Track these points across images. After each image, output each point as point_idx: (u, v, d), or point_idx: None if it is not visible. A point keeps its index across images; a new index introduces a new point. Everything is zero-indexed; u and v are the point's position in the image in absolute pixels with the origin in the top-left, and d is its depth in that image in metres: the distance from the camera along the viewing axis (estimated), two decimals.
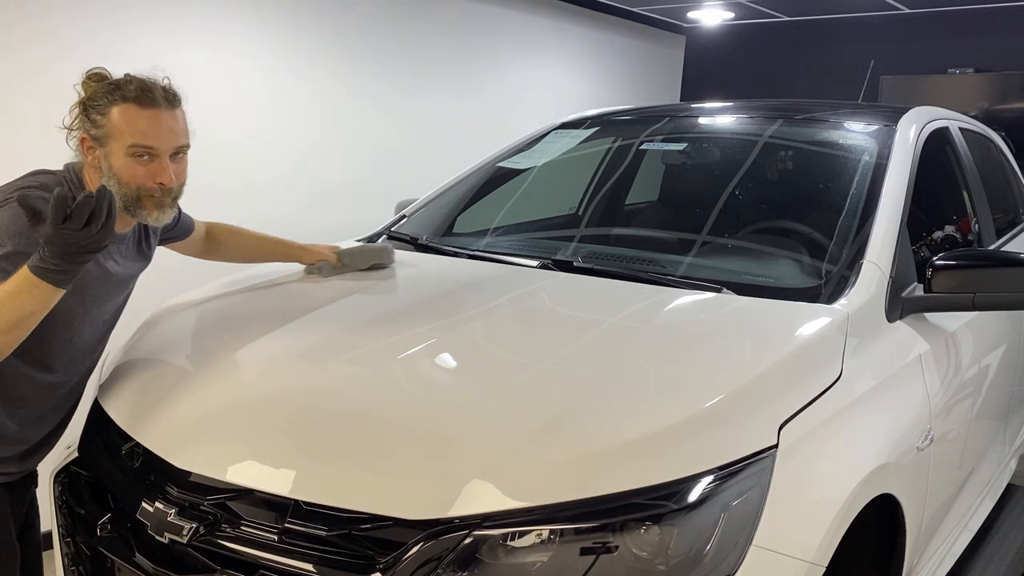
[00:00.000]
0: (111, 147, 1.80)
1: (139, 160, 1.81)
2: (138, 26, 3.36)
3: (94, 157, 1.83)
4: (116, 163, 1.80)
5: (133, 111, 1.80)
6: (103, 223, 1.59)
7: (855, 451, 1.72)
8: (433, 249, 2.59)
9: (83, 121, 1.82)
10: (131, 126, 1.80)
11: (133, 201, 1.83)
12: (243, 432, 1.66)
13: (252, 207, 3.84)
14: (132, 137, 1.80)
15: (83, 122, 1.82)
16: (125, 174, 1.81)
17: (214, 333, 2.08)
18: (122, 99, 1.80)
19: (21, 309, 1.63)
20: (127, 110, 1.80)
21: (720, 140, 3.09)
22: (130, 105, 1.80)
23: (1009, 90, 5.34)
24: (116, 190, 1.78)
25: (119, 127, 1.79)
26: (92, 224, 1.58)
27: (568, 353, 1.80)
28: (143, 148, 1.81)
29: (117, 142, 1.80)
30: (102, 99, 1.81)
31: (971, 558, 2.75)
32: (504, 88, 5.16)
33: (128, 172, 1.81)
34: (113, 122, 1.79)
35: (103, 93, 1.81)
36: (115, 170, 1.80)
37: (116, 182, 1.80)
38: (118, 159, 1.80)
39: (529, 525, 1.41)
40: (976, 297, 2.10)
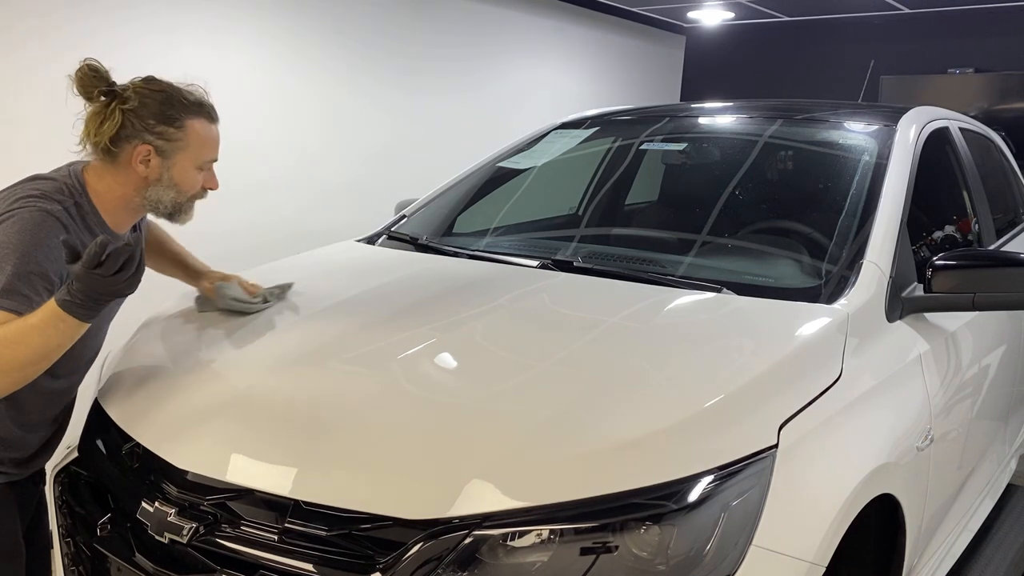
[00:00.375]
0: (179, 158, 1.85)
1: (199, 171, 1.90)
2: (138, 26, 3.36)
3: (148, 167, 1.83)
4: (181, 173, 1.86)
5: (207, 127, 1.90)
6: (133, 272, 1.63)
7: (855, 451, 1.72)
8: (433, 249, 2.59)
9: (133, 128, 1.80)
10: (205, 140, 1.89)
11: (180, 207, 1.91)
12: (243, 432, 1.66)
13: (251, 207, 3.84)
14: (208, 152, 1.91)
15: (133, 129, 1.80)
16: (187, 184, 1.89)
17: (214, 333, 2.08)
18: (195, 112, 1.87)
19: (48, 343, 1.65)
20: (203, 126, 1.89)
21: (720, 140, 3.09)
22: (203, 120, 1.89)
23: (1009, 90, 5.34)
24: (170, 198, 1.87)
25: (196, 141, 1.87)
26: (123, 271, 1.61)
27: (568, 353, 1.80)
28: (211, 161, 1.92)
29: (189, 154, 1.86)
30: (172, 110, 1.83)
31: (971, 558, 2.75)
32: (504, 88, 5.16)
33: (190, 182, 1.89)
34: (189, 136, 1.85)
35: (168, 101, 1.83)
36: (176, 180, 1.86)
37: (175, 190, 1.87)
38: (185, 170, 1.87)
39: (529, 525, 1.41)
40: (976, 297, 2.10)
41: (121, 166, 1.84)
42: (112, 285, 1.62)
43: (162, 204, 1.88)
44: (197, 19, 3.56)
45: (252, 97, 3.82)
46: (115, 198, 1.87)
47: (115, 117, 1.80)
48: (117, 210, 1.88)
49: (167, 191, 1.86)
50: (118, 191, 1.86)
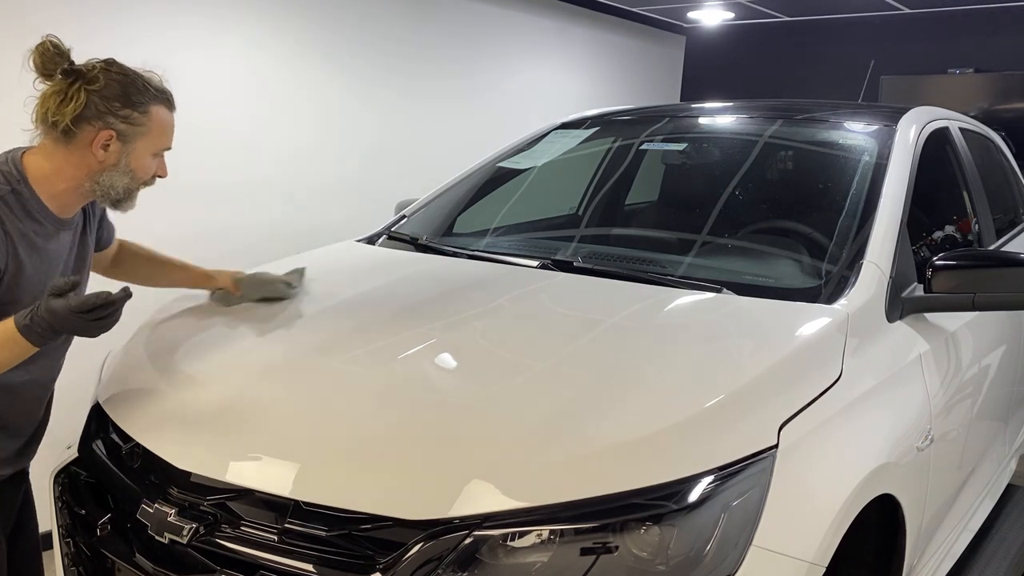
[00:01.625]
0: (139, 144, 1.81)
1: (155, 159, 1.86)
2: (135, 25, 3.36)
3: (107, 151, 1.77)
4: (138, 160, 1.82)
5: (166, 114, 1.86)
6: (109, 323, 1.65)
7: (855, 451, 1.72)
8: (433, 249, 2.59)
9: (96, 109, 1.74)
10: (165, 128, 1.85)
11: (131, 194, 1.85)
12: (243, 432, 1.66)
13: (248, 206, 3.84)
14: (165, 140, 1.86)
15: (95, 110, 1.74)
16: (142, 170, 1.84)
17: (214, 333, 2.08)
18: (159, 100, 1.83)
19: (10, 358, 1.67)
20: (164, 113, 1.85)
21: (720, 140, 3.09)
22: (163, 107, 1.85)
23: (1009, 90, 5.34)
24: (123, 183, 1.82)
25: (158, 128, 1.83)
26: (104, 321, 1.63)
27: (568, 353, 1.80)
28: (166, 149, 1.88)
29: (149, 141, 1.82)
30: (137, 94, 1.78)
31: (971, 558, 2.75)
32: (504, 88, 5.16)
33: (146, 169, 1.85)
34: (153, 122, 1.81)
35: (133, 85, 1.78)
36: (133, 166, 1.82)
37: (130, 177, 1.82)
38: (142, 157, 1.82)
39: (529, 525, 1.41)
40: (976, 297, 2.10)
41: (76, 148, 1.76)
42: (85, 329, 1.64)
43: (114, 190, 1.81)
44: (194, 19, 3.56)
45: (249, 97, 3.82)
46: (64, 180, 1.79)
47: (79, 97, 1.73)
48: (63, 194, 1.81)
49: (122, 177, 1.80)
50: (69, 173, 1.78)
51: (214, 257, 2.47)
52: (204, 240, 3.60)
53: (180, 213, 3.52)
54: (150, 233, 2.36)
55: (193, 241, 3.55)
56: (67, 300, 1.62)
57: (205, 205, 3.64)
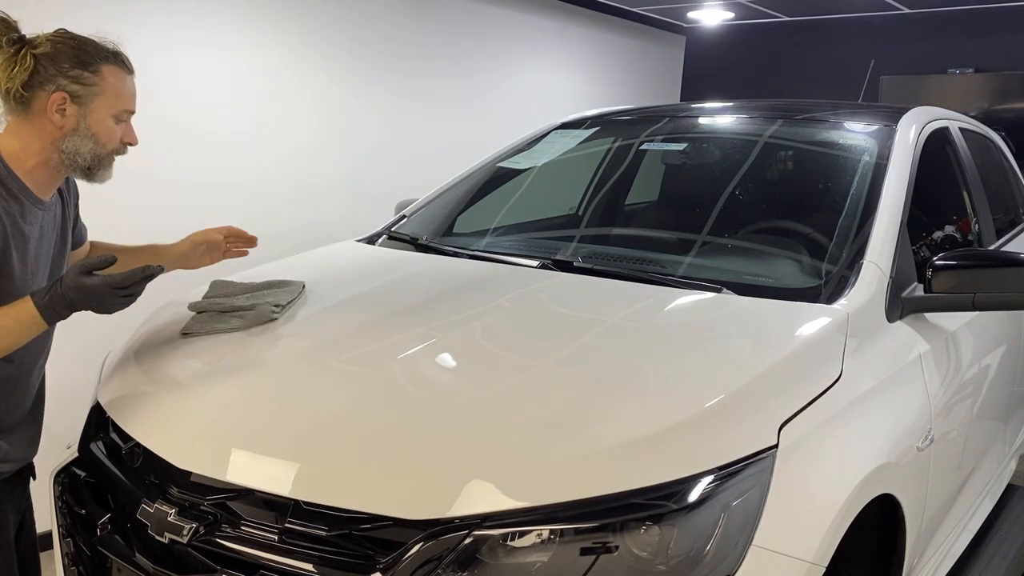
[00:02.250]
0: (95, 106, 1.78)
1: (117, 123, 1.83)
2: (133, 22, 3.35)
3: (64, 116, 1.75)
4: (98, 123, 1.79)
5: (122, 75, 1.83)
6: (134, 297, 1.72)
7: (855, 451, 1.72)
8: (433, 249, 2.59)
9: (46, 73, 1.73)
10: (123, 89, 1.82)
11: (100, 161, 1.83)
12: (243, 432, 1.66)
13: (247, 205, 3.84)
14: (124, 101, 1.83)
15: (47, 75, 1.73)
16: (105, 135, 1.81)
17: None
18: (112, 60, 1.80)
19: (18, 340, 1.71)
20: (118, 73, 1.82)
21: (720, 140, 3.09)
22: (119, 68, 1.82)
23: (1009, 90, 5.34)
24: (88, 149, 1.80)
25: (112, 88, 1.80)
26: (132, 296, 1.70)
27: (568, 353, 1.80)
28: (128, 112, 1.85)
29: (105, 102, 1.79)
30: (87, 55, 1.76)
31: (971, 558, 2.75)
32: (504, 88, 5.16)
33: (108, 133, 1.82)
34: (106, 82, 1.79)
35: (83, 47, 1.77)
36: (94, 130, 1.79)
37: (93, 141, 1.80)
38: (102, 120, 1.80)
39: (529, 525, 1.41)
40: (976, 297, 2.10)
41: (35, 117, 1.75)
42: (112, 304, 1.69)
43: (80, 156, 1.79)
44: (192, 16, 3.55)
45: (248, 97, 3.82)
46: (32, 155, 1.78)
47: (26, 62, 1.73)
48: (36, 170, 1.80)
49: (85, 141, 1.79)
50: (35, 147, 1.77)
51: None
52: None
53: (181, 213, 3.51)
54: (150, 233, 2.35)
55: None
56: (103, 278, 1.67)
57: (205, 205, 3.64)
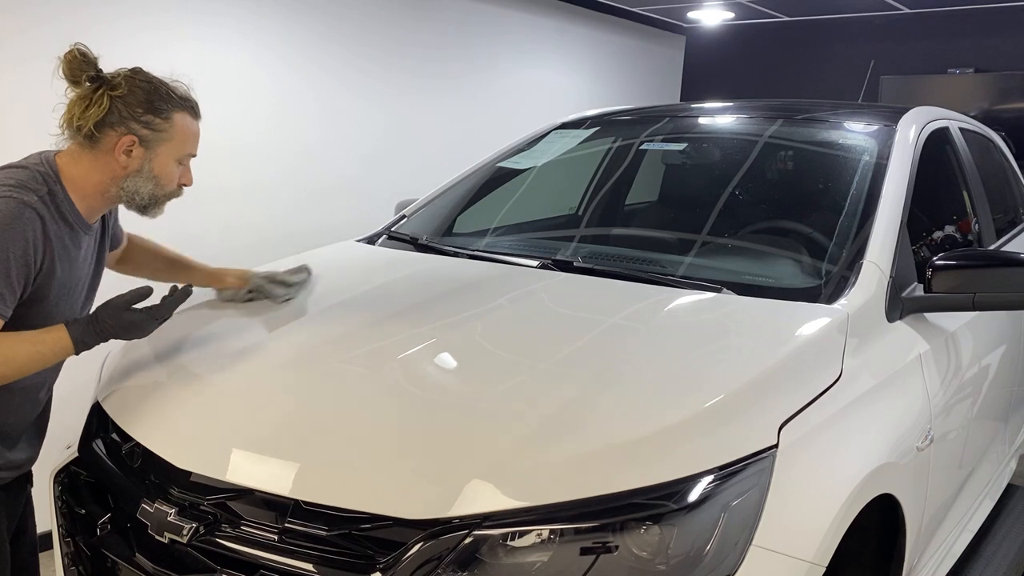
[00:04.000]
0: (161, 150, 1.84)
1: (179, 167, 1.89)
2: (134, 21, 3.35)
3: (129, 157, 1.80)
4: (161, 167, 1.85)
5: (191, 122, 1.89)
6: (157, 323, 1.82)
7: (855, 451, 1.72)
8: (433, 249, 2.59)
9: (119, 116, 1.78)
10: (189, 135, 1.89)
11: (156, 201, 1.89)
12: (243, 432, 1.66)
13: (247, 205, 3.84)
14: (189, 147, 1.90)
15: (119, 117, 1.78)
16: (167, 177, 1.87)
17: (214, 333, 2.08)
18: (182, 106, 1.86)
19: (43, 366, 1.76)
20: (188, 120, 1.88)
21: (720, 140, 3.09)
22: (187, 115, 1.88)
23: (1009, 90, 5.34)
24: (148, 191, 1.86)
25: (181, 134, 1.86)
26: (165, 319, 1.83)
27: (568, 353, 1.80)
28: (190, 156, 1.91)
29: (172, 147, 1.85)
30: (160, 101, 1.82)
31: (971, 558, 2.75)
32: (504, 88, 5.16)
33: (170, 176, 1.88)
34: (175, 129, 1.84)
35: (156, 93, 1.82)
36: (157, 172, 1.85)
37: (154, 183, 1.86)
38: (166, 163, 1.86)
39: (529, 525, 1.41)
40: (976, 297, 2.10)
41: (101, 153, 1.80)
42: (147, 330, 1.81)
43: (139, 196, 1.85)
44: (193, 16, 3.55)
45: (249, 95, 3.82)
46: (91, 185, 1.82)
47: (102, 103, 1.77)
48: (91, 197, 1.84)
49: (146, 183, 1.83)
50: (95, 178, 1.82)
51: (214, 256, 2.47)
52: (204, 239, 3.60)
53: (181, 213, 3.51)
54: (150, 233, 2.35)
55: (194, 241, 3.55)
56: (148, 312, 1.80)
57: (206, 205, 3.64)
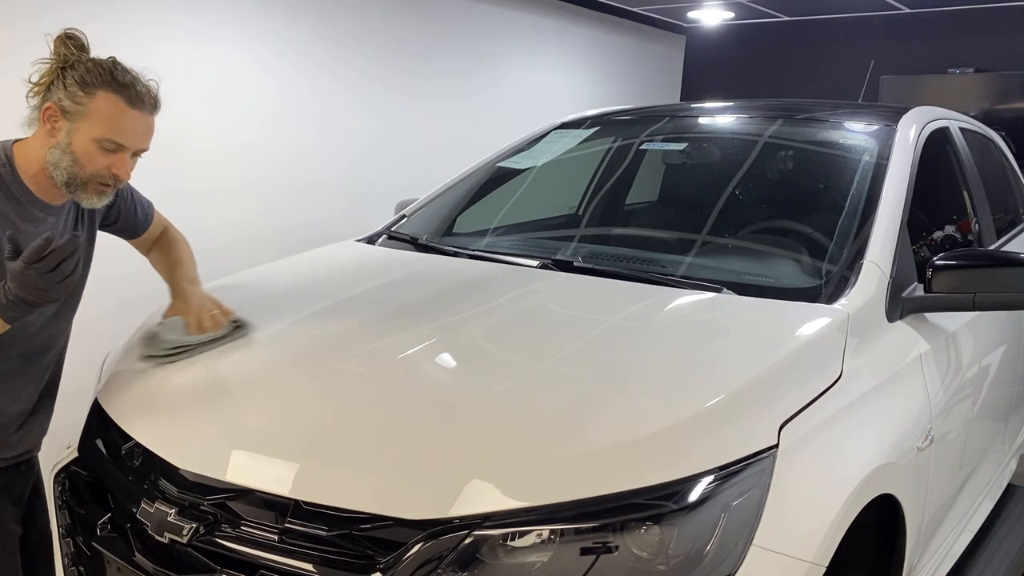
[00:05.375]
0: (80, 126, 1.77)
1: (103, 150, 1.80)
2: (130, 18, 3.35)
3: (54, 127, 1.77)
4: (79, 144, 1.78)
5: (120, 105, 1.79)
6: (67, 276, 1.63)
7: (855, 451, 1.72)
8: (433, 249, 2.59)
9: (56, 86, 1.77)
10: (113, 119, 1.78)
11: (79, 182, 1.81)
12: (243, 432, 1.66)
13: (247, 204, 3.84)
14: (109, 131, 1.78)
15: (56, 87, 1.77)
16: (85, 158, 1.79)
17: None
18: (113, 88, 1.78)
19: None
20: (114, 102, 1.78)
21: (720, 140, 3.09)
22: (119, 98, 1.79)
23: (1009, 90, 5.34)
24: (66, 165, 1.78)
25: (100, 113, 1.77)
26: (57, 272, 1.61)
27: (568, 353, 1.80)
28: (114, 144, 1.80)
29: (90, 125, 1.77)
30: (91, 77, 1.77)
31: (971, 558, 2.75)
32: (504, 88, 5.16)
33: (88, 157, 1.79)
34: (95, 105, 1.77)
35: (94, 70, 1.77)
36: (74, 149, 1.78)
37: (71, 160, 1.78)
38: (83, 142, 1.78)
39: (529, 525, 1.41)
40: (976, 297, 2.10)
41: (40, 124, 1.80)
42: (46, 286, 1.62)
43: (58, 170, 1.79)
44: (191, 14, 3.55)
45: (248, 94, 3.82)
46: (35, 160, 1.81)
47: (53, 74, 1.79)
48: (38, 176, 1.82)
49: (64, 156, 1.78)
50: (36, 153, 1.80)
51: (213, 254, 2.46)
52: (204, 238, 3.59)
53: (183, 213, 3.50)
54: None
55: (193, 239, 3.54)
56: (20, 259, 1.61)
57: (206, 204, 3.64)
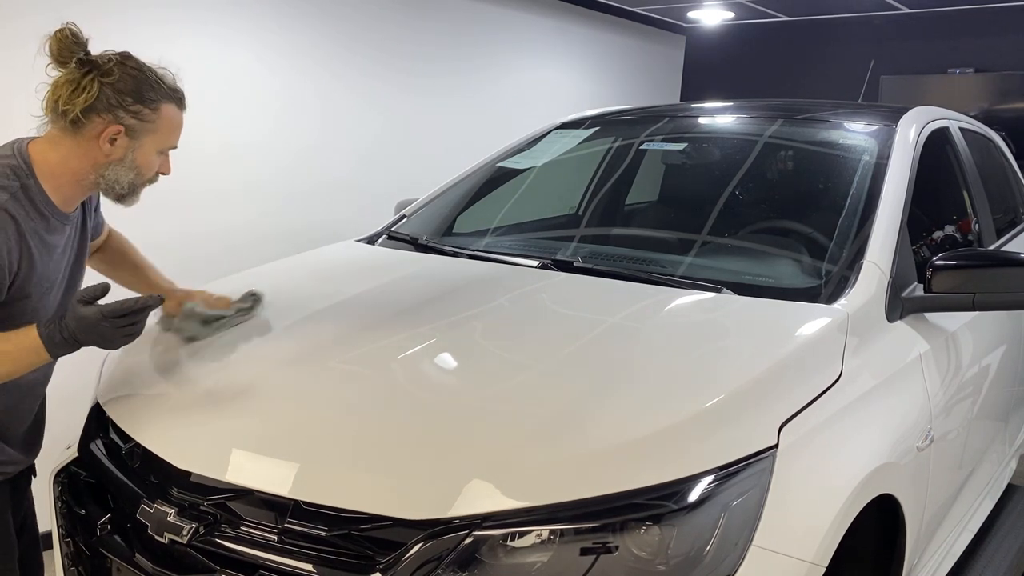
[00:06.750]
0: (146, 140, 1.79)
1: (159, 156, 1.85)
2: (132, 16, 3.34)
3: (113, 145, 1.75)
4: (144, 156, 1.81)
5: (176, 113, 1.85)
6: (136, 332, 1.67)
7: (855, 451, 1.72)
8: (433, 249, 2.59)
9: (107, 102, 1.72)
10: (174, 127, 1.85)
11: (135, 190, 1.85)
12: (243, 432, 1.66)
13: (247, 205, 3.84)
14: (172, 139, 1.85)
15: (108, 103, 1.72)
16: (147, 167, 1.83)
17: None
18: (171, 98, 1.83)
19: (15, 370, 1.69)
20: (174, 112, 1.84)
21: (720, 140, 3.09)
22: (174, 106, 1.84)
23: (1009, 90, 5.34)
24: (129, 180, 1.81)
25: (167, 126, 1.82)
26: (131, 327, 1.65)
27: (568, 353, 1.80)
28: (172, 148, 1.87)
29: (157, 138, 1.81)
30: (149, 91, 1.77)
31: (971, 558, 2.74)
32: (504, 88, 5.16)
33: (150, 165, 1.84)
34: (162, 120, 1.81)
35: (149, 86, 1.77)
36: (139, 162, 1.81)
37: (135, 172, 1.81)
38: (149, 153, 1.82)
39: (529, 525, 1.41)
40: (976, 297, 2.10)
41: (84, 140, 1.74)
42: (113, 338, 1.65)
43: (119, 185, 1.81)
44: (193, 13, 3.55)
45: (249, 94, 3.82)
46: (68, 172, 1.77)
47: (92, 88, 1.72)
48: (67, 186, 1.79)
49: (127, 172, 1.79)
50: (74, 164, 1.77)
51: (215, 255, 2.46)
52: (204, 240, 3.60)
53: (183, 213, 3.52)
54: (151, 233, 2.35)
55: (194, 242, 3.55)
56: (98, 306, 1.63)
57: (206, 205, 3.64)
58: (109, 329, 1.63)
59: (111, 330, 1.63)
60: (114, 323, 1.63)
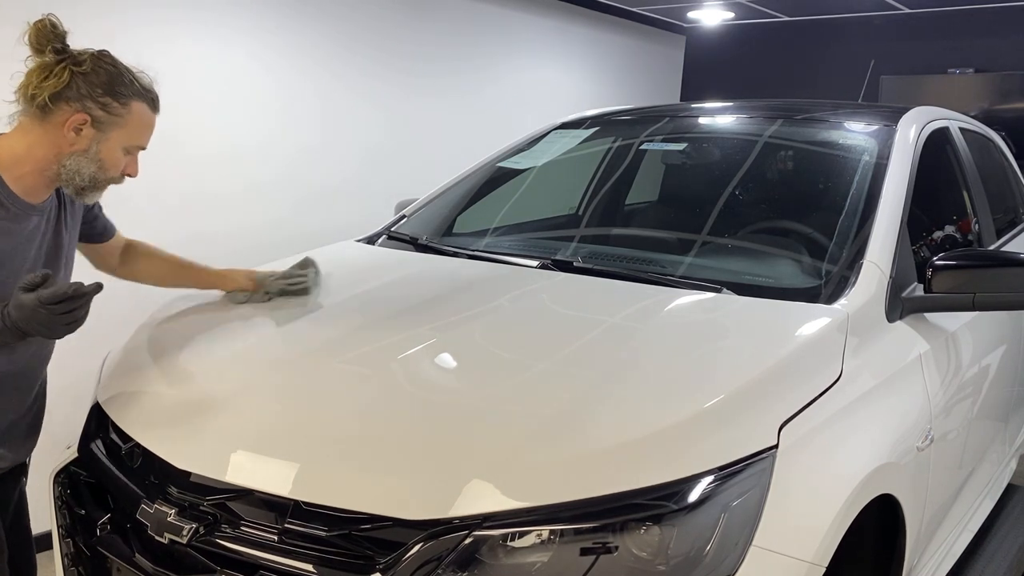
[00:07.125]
0: (112, 135, 1.80)
1: (125, 155, 1.85)
2: (132, 16, 3.34)
3: (77, 135, 1.76)
4: (109, 151, 1.81)
5: (147, 113, 1.86)
6: (76, 320, 1.64)
7: (855, 451, 1.72)
8: (433, 249, 2.59)
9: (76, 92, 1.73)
10: (143, 127, 1.85)
11: (96, 185, 1.84)
12: (243, 432, 1.66)
13: (248, 206, 3.84)
14: (140, 138, 1.85)
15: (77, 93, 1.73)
16: (111, 163, 1.83)
17: (214, 333, 2.08)
18: (143, 97, 1.83)
19: None
20: (144, 111, 1.85)
21: (720, 140, 3.09)
22: (146, 106, 1.85)
23: (1009, 90, 5.34)
24: (90, 172, 1.80)
25: (134, 123, 1.82)
26: (70, 315, 1.62)
27: (568, 353, 1.80)
28: (139, 147, 1.87)
29: (124, 134, 1.81)
30: (121, 86, 1.78)
31: (971, 558, 2.75)
32: (504, 88, 5.16)
33: (114, 162, 1.83)
34: (131, 116, 1.81)
35: (121, 81, 1.78)
36: (103, 156, 1.81)
37: (97, 166, 1.81)
38: (114, 149, 1.81)
39: (529, 525, 1.41)
40: (976, 297, 2.10)
41: (50, 127, 1.75)
42: (52, 326, 1.63)
43: (79, 176, 1.79)
44: (192, 14, 3.55)
45: (249, 95, 3.81)
46: (33, 161, 1.77)
47: (62, 75, 1.73)
48: (29, 176, 1.78)
49: (89, 164, 1.79)
50: (38, 153, 1.76)
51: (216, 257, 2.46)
52: (205, 241, 3.60)
53: (183, 213, 3.52)
54: (151, 234, 2.35)
55: (194, 242, 3.55)
56: (37, 293, 1.61)
57: (206, 206, 3.64)
58: (47, 316, 1.61)
59: (49, 317, 1.61)
60: (51, 310, 1.60)
